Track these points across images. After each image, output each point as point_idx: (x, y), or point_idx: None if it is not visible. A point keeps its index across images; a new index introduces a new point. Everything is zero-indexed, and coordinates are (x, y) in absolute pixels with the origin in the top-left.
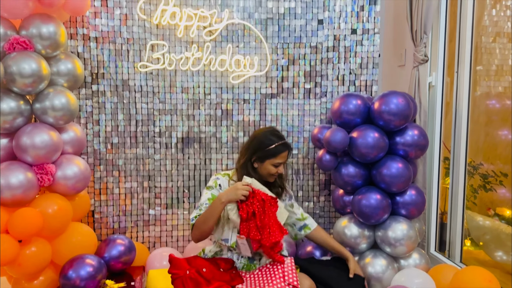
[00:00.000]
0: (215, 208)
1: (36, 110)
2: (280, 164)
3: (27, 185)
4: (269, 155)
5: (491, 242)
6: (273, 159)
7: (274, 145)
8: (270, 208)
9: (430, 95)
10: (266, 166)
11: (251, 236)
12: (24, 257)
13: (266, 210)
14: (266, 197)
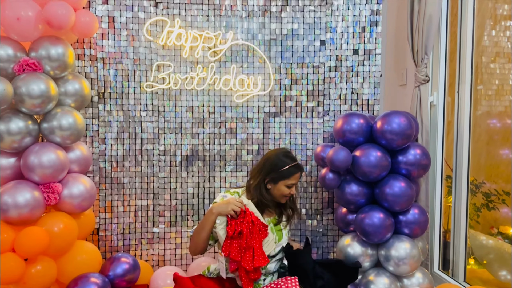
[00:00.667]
0: (207, 219)
1: (44, 130)
2: (293, 184)
3: (33, 203)
4: (282, 176)
5: (495, 261)
6: (287, 180)
7: (288, 166)
8: (258, 233)
9: (431, 115)
10: (279, 187)
11: (231, 255)
12: (30, 275)
13: (254, 233)
14: (257, 221)
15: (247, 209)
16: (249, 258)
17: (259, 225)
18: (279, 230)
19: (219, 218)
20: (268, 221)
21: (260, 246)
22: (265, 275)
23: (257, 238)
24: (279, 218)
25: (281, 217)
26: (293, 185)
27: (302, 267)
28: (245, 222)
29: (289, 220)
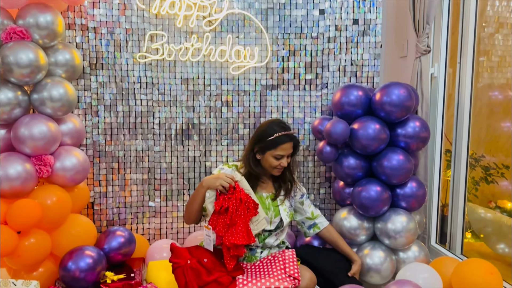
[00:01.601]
0: (197, 192)
1: (34, 101)
2: (282, 156)
3: (25, 176)
4: (269, 146)
5: (493, 234)
6: (273, 150)
7: (275, 135)
8: (246, 211)
9: (432, 87)
10: (267, 158)
11: (216, 230)
12: (23, 248)
13: (240, 211)
14: (246, 198)
15: (237, 185)
16: (230, 234)
17: (249, 203)
18: (276, 206)
19: (209, 192)
20: (266, 196)
21: (244, 224)
22: (262, 248)
23: (243, 216)
24: (276, 192)
25: (278, 191)
26: (282, 156)
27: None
28: (232, 199)
29: (287, 195)
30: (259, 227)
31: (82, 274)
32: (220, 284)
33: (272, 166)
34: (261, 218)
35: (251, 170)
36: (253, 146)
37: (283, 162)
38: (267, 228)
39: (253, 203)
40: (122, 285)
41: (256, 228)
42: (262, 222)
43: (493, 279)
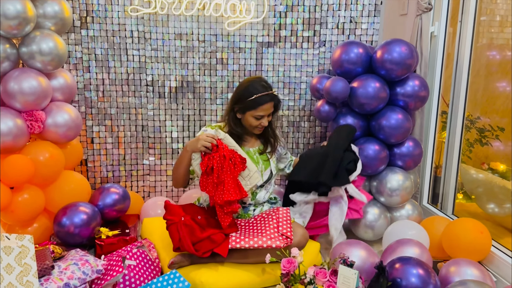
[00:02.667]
0: (182, 156)
1: (23, 55)
2: (262, 116)
3: (16, 131)
4: (249, 106)
5: (484, 194)
6: (254, 111)
7: (255, 95)
8: (232, 167)
9: (431, 46)
10: (247, 118)
11: (206, 191)
12: (17, 204)
13: (225, 167)
14: (231, 154)
15: (220, 143)
16: (221, 192)
17: (235, 159)
18: (265, 160)
19: (194, 154)
20: (253, 150)
21: (233, 180)
22: (254, 206)
23: (230, 172)
24: (264, 147)
25: (265, 146)
26: (262, 116)
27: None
28: (216, 157)
29: (273, 151)
30: (252, 182)
31: (77, 229)
32: (213, 241)
33: (252, 126)
34: (253, 172)
35: (232, 129)
36: (233, 105)
37: (263, 122)
38: (259, 183)
39: (239, 157)
40: (117, 241)
41: (249, 183)
42: (254, 176)
43: (483, 238)
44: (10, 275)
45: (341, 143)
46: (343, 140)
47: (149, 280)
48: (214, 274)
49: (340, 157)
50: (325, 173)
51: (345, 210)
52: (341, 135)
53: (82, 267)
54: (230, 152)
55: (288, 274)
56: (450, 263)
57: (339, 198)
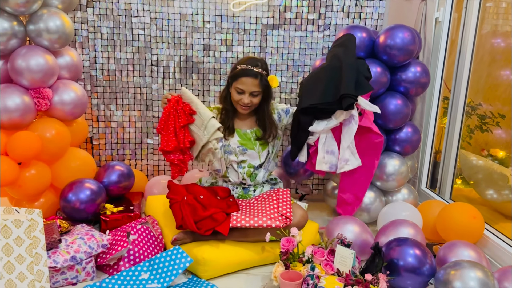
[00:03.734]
0: None
1: (31, 32)
2: (242, 91)
3: (24, 108)
4: (232, 77)
5: (483, 180)
6: (235, 83)
7: (240, 66)
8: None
9: (435, 32)
10: (232, 91)
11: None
12: (24, 179)
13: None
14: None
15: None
16: (161, 142)
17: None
18: (262, 144)
19: None
20: (250, 132)
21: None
22: (254, 186)
23: (171, 123)
24: (262, 134)
25: (263, 134)
26: (242, 91)
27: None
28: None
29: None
30: (210, 130)
31: (82, 205)
32: (214, 220)
33: (235, 100)
34: (207, 120)
35: (223, 103)
36: (227, 80)
37: (243, 98)
38: (256, 164)
39: (188, 109)
40: (121, 217)
41: (206, 132)
42: (210, 124)
43: (476, 222)
44: (20, 247)
45: (350, 52)
46: (350, 48)
47: (152, 255)
48: (216, 251)
49: (355, 64)
50: (346, 84)
51: (354, 129)
52: (346, 44)
53: (88, 241)
54: (176, 104)
55: (287, 252)
56: (447, 245)
57: (349, 118)
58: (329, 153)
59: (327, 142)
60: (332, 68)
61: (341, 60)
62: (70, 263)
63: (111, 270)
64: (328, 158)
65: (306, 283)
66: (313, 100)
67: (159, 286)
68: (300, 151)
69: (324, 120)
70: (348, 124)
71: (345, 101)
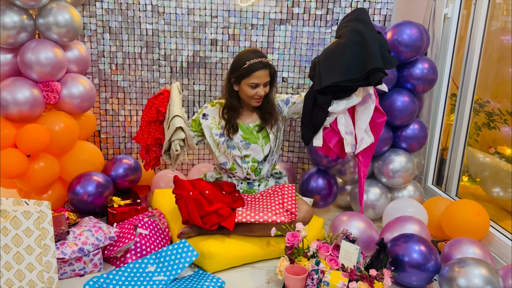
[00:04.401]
0: None
1: (40, 26)
2: (257, 84)
3: (33, 101)
4: (243, 74)
5: (489, 178)
6: (248, 79)
7: (248, 62)
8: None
9: (444, 28)
10: (243, 88)
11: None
12: (33, 171)
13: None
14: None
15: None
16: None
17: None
18: (265, 136)
19: None
20: (253, 126)
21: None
22: (259, 181)
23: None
24: (261, 124)
25: (263, 123)
26: (257, 84)
27: None
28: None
29: (271, 124)
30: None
31: (90, 198)
32: (220, 215)
33: (249, 96)
34: (170, 118)
35: (227, 101)
36: (230, 76)
37: (259, 91)
38: (260, 158)
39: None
40: (128, 210)
41: (169, 131)
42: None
43: (481, 220)
44: (29, 238)
45: (369, 25)
46: (368, 22)
47: (159, 248)
48: (221, 245)
49: (377, 38)
50: (374, 58)
51: (372, 108)
52: (362, 19)
53: (95, 234)
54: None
55: (292, 247)
56: (452, 242)
57: (366, 97)
58: (349, 134)
59: (346, 123)
60: (354, 43)
61: (363, 34)
62: (78, 255)
63: (118, 262)
64: (349, 139)
65: (311, 277)
66: (336, 78)
67: (165, 278)
68: (316, 134)
69: (344, 100)
70: (365, 103)
71: (374, 76)
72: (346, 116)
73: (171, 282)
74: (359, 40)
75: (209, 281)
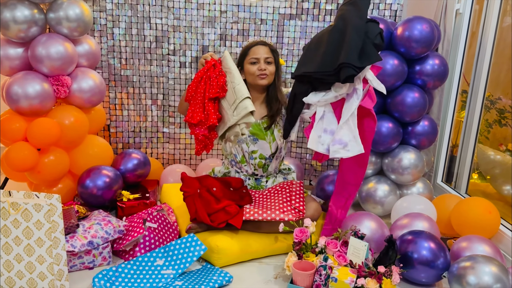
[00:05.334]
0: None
1: (51, 21)
2: (257, 59)
3: (43, 95)
4: (243, 55)
5: (500, 175)
6: (247, 57)
7: (247, 45)
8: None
9: (456, 24)
10: (246, 69)
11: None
12: (43, 165)
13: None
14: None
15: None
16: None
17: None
18: (272, 134)
19: None
20: (261, 122)
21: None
22: (267, 177)
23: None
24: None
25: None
26: (257, 59)
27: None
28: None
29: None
30: (239, 112)
31: (100, 191)
32: (227, 213)
33: (252, 74)
34: (239, 100)
35: None
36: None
37: (261, 65)
38: (267, 154)
39: (222, 81)
40: (137, 204)
41: (235, 113)
42: (242, 106)
43: (491, 218)
44: (40, 231)
45: (360, 12)
46: (360, 8)
47: (167, 242)
48: (230, 240)
49: (363, 27)
50: (347, 51)
51: (355, 106)
52: (357, 3)
53: (105, 227)
54: (212, 69)
55: (300, 242)
56: (461, 239)
57: (352, 92)
58: (327, 132)
59: (326, 119)
60: (335, 30)
61: (347, 21)
62: (87, 248)
63: (127, 255)
64: (325, 137)
65: (319, 273)
66: (308, 68)
67: (174, 272)
68: (292, 127)
69: (321, 92)
70: (349, 99)
71: (343, 72)
72: (327, 111)
73: (179, 276)
74: (342, 28)
75: (217, 275)
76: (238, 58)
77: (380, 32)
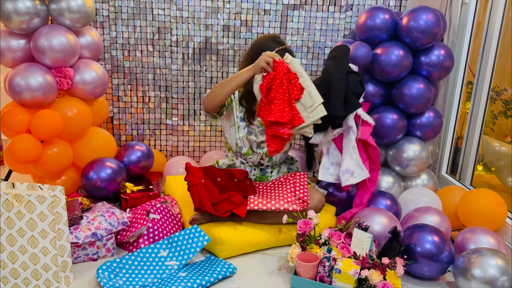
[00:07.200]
0: (240, 74)
1: (53, 12)
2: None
3: (46, 87)
4: (258, 50)
5: (505, 167)
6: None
7: (274, 51)
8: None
9: (461, 14)
10: None
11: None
12: (47, 157)
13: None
14: (290, 76)
15: (282, 63)
16: (266, 111)
17: (295, 81)
18: None
19: (256, 77)
20: None
21: (284, 101)
22: (272, 168)
23: (283, 93)
24: None
25: None
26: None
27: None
28: (272, 76)
29: None
30: (315, 115)
31: (103, 183)
32: (232, 203)
33: None
34: (317, 104)
35: (245, 88)
36: (250, 63)
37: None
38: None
39: (300, 84)
40: (141, 196)
41: (311, 115)
42: (319, 109)
43: (499, 210)
44: (43, 222)
45: (341, 66)
46: (341, 62)
47: (171, 233)
48: (233, 231)
49: (344, 81)
50: (334, 104)
51: (353, 139)
52: (338, 57)
53: (108, 219)
54: (289, 73)
55: (303, 234)
56: (465, 231)
57: (347, 129)
58: (334, 165)
59: (331, 154)
60: (323, 85)
61: (331, 77)
62: (91, 239)
63: (130, 247)
64: (333, 169)
65: (323, 265)
66: None
67: (177, 263)
68: (313, 160)
69: (321, 133)
70: (346, 135)
71: (332, 121)
72: (331, 147)
73: (183, 267)
74: (327, 81)
75: (221, 266)
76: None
77: (360, 80)
